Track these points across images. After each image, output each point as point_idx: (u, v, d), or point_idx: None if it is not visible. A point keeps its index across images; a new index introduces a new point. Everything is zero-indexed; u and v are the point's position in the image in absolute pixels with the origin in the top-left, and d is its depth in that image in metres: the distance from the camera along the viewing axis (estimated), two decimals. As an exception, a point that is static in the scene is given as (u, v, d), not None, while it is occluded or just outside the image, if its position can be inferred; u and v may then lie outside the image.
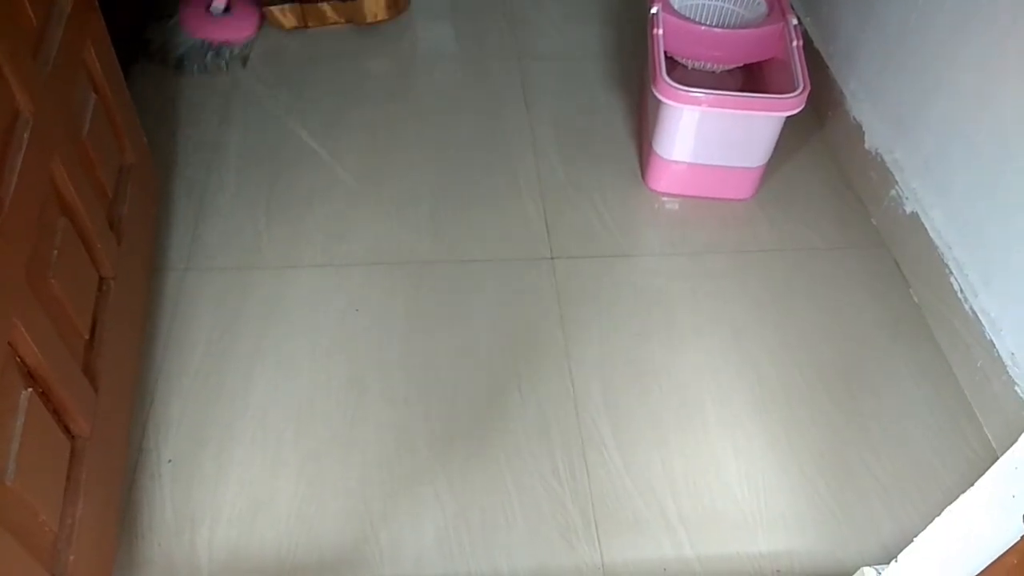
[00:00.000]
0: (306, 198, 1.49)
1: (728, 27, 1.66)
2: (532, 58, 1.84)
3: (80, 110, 1.04)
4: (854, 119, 1.56)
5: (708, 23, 1.67)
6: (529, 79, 1.77)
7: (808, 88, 1.37)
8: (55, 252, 0.90)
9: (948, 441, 1.20)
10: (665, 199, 1.54)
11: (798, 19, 1.53)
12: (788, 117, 1.40)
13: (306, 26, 1.86)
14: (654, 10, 1.51)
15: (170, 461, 1.13)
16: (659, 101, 1.40)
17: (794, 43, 1.45)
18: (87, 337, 0.98)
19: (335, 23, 1.87)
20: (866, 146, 1.52)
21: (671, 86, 1.37)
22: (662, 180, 1.53)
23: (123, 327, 1.09)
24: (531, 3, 1.99)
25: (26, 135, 0.86)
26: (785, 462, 1.17)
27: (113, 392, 1.02)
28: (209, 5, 1.76)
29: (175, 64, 1.71)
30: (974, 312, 1.24)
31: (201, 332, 1.28)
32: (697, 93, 1.36)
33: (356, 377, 1.24)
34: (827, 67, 1.66)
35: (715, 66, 1.66)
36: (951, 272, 1.30)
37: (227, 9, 1.78)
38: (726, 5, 1.65)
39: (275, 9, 1.85)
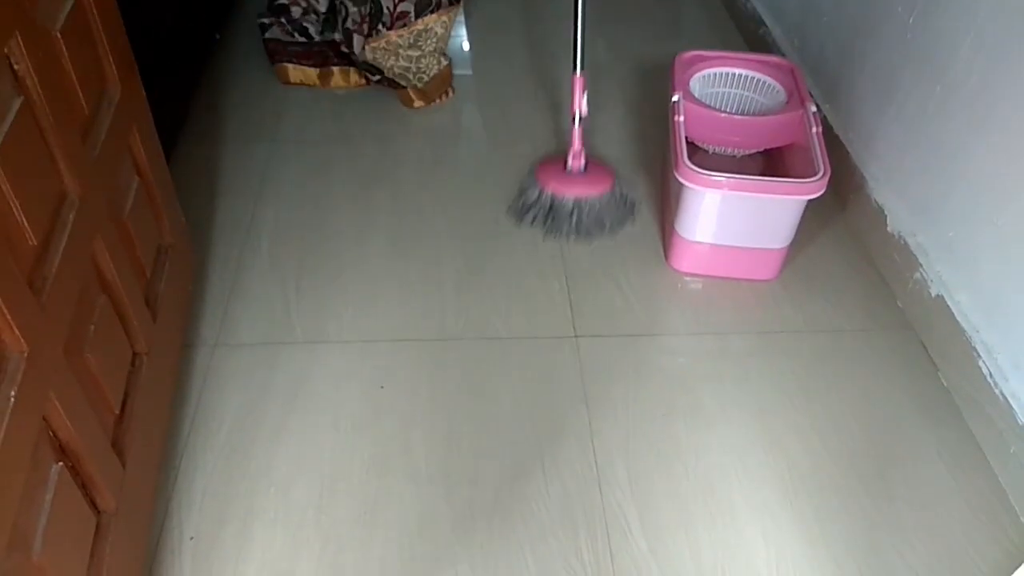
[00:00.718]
0: (335, 274, 1.52)
1: (748, 114, 1.71)
2: (554, 141, 1.89)
3: (123, 192, 1.08)
4: (876, 203, 1.58)
5: (728, 110, 1.72)
6: (554, 162, 1.82)
7: (828, 173, 1.40)
8: (92, 328, 0.93)
9: (983, 530, 1.17)
10: (688, 279, 1.56)
11: (817, 106, 1.56)
12: (809, 200, 1.42)
13: (328, 86, 1.97)
14: (675, 98, 1.56)
15: (192, 538, 1.13)
16: (681, 184, 1.43)
17: (813, 129, 1.49)
18: (117, 412, 1.00)
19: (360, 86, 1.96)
20: (889, 229, 1.54)
21: (692, 170, 1.40)
22: (685, 260, 1.55)
23: (153, 403, 1.11)
24: (555, 89, 2.05)
25: (72, 216, 0.89)
26: (816, 550, 1.14)
27: (139, 467, 1.03)
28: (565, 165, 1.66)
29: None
30: (1004, 397, 1.23)
31: (228, 408, 1.29)
32: (718, 177, 1.39)
33: (379, 455, 1.23)
34: (847, 152, 1.69)
35: (736, 151, 1.69)
36: (979, 356, 1.28)
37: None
38: (746, 93, 1.70)
39: (290, 67, 1.97)
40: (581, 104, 1.59)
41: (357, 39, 1.87)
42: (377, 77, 1.92)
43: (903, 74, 1.51)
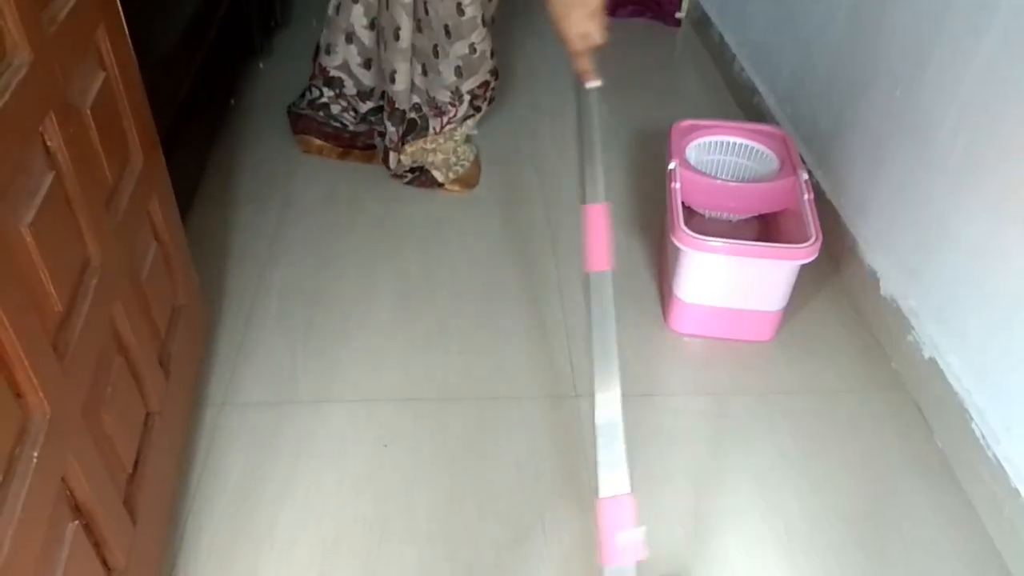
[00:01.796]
0: (341, 335, 1.56)
1: (742, 181, 1.77)
2: (557, 204, 1.94)
3: (142, 257, 1.13)
4: (868, 266, 1.62)
5: (723, 177, 1.78)
6: (555, 225, 1.87)
7: (820, 239, 1.44)
8: (109, 390, 0.96)
9: (981, 593, 1.18)
10: (686, 340, 1.59)
11: (809, 172, 1.62)
12: (803, 264, 1.46)
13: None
14: (672, 166, 1.62)
15: (197, 597, 1.14)
16: (678, 248, 1.47)
17: (805, 196, 1.54)
18: (130, 471, 1.02)
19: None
20: (882, 292, 1.58)
21: (689, 235, 1.44)
22: (683, 322, 1.59)
23: (163, 461, 1.13)
24: (556, 155, 2.12)
25: (94, 282, 0.94)
26: (813, 612, 1.15)
27: (149, 525, 1.05)
28: None
29: None
30: (997, 459, 1.25)
31: (234, 468, 1.32)
32: (714, 242, 1.44)
33: (381, 515, 1.25)
34: (839, 216, 1.74)
35: (732, 216, 1.74)
36: (972, 418, 1.31)
37: None
38: (740, 160, 1.76)
39: (313, 139, 2.01)
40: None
41: (392, 155, 1.93)
42: (410, 177, 1.96)
43: (891, 143, 1.57)
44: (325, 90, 2.00)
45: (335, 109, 2.03)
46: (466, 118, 1.93)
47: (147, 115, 1.18)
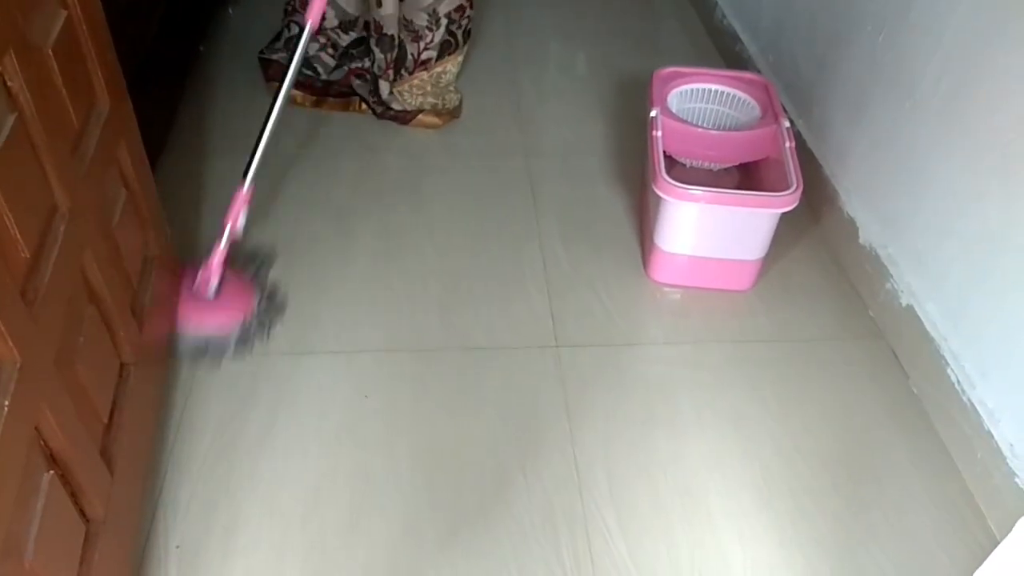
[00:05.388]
0: (320, 286, 1.54)
1: (723, 129, 1.75)
2: (538, 155, 1.92)
3: (111, 205, 1.10)
4: (848, 215, 1.62)
5: (705, 125, 1.76)
6: (535, 175, 1.85)
7: (800, 187, 1.44)
8: (81, 339, 0.94)
9: (952, 533, 1.21)
10: (667, 289, 1.59)
11: (791, 121, 1.61)
12: (783, 213, 1.46)
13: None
14: (653, 113, 1.60)
15: (178, 547, 1.14)
16: (659, 197, 1.46)
17: (787, 144, 1.53)
18: (106, 422, 1.01)
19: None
20: (860, 241, 1.58)
21: (670, 184, 1.43)
22: (663, 272, 1.58)
23: (140, 412, 1.12)
24: (537, 103, 2.09)
25: (62, 229, 0.91)
26: (790, 553, 1.17)
27: (127, 476, 1.04)
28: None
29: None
30: (972, 404, 1.27)
31: (212, 418, 1.31)
32: (695, 191, 1.43)
33: (362, 464, 1.25)
34: (820, 165, 1.74)
35: (713, 165, 1.73)
36: (948, 364, 1.33)
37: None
38: (721, 108, 1.74)
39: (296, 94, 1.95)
40: (237, 221, 1.41)
41: (383, 84, 1.92)
42: (392, 112, 1.96)
43: (873, 90, 1.56)
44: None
45: (312, 48, 1.96)
46: (442, 47, 1.90)
47: (112, 58, 1.13)
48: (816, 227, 1.73)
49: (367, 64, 1.97)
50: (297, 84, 1.99)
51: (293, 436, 1.29)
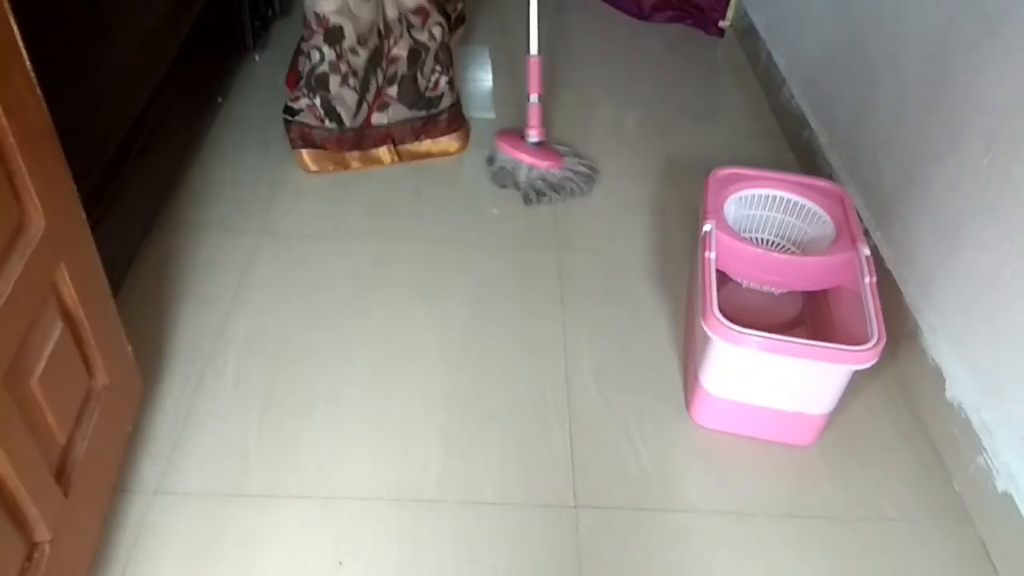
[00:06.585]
0: (305, 408, 1.33)
1: (790, 240, 1.51)
2: (571, 248, 1.70)
3: (35, 349, 0.90)
4: (932, 361, 1.37)
5: (768, 237, 1.52)
6: (566, 275, 1.63)
7: (883, 340, 1.19)
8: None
9: None
10: (711, 435, 1.35)
11: (869, 238, 1.36)
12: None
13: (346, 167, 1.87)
14: (707, 227, 1.37)
15: None
16: (708, 335, 1.23)
17: (866, 279, 1.28)
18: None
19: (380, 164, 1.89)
20: (947, 396, 1.32)
21: (722, 323, 1.20)
22: (709, 416, 1.35)
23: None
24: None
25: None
26: None
27: None
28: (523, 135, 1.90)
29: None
30: (1093, 649, 1.00)
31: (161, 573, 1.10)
32: (751, 336, 1.19)
33: (329, 658, 1.04)
34: (900, 292, 1.48)
35: (774, 288, 1.49)
36: (1059, 584, 1.07)
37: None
38: (787, 218, 1.50)
39: (306, 153, 1.82)
40: (538, 83, 1.83)
41: (420, 79, 1.89)
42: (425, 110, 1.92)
43: (973, 218, 1.30)
44: (326, 49, 1.76)
45: (334, 85, 1.79)
46: (437, 25, 1.86)
47: (55, 161, 0.94)
48: (893, 365, 1.47)
49: (381, 80, 1.85)
50: (313, 143, 1.82)
51: (250, 610, 1.08)
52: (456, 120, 1.96)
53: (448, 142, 1.94)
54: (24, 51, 0.87)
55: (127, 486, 1.20)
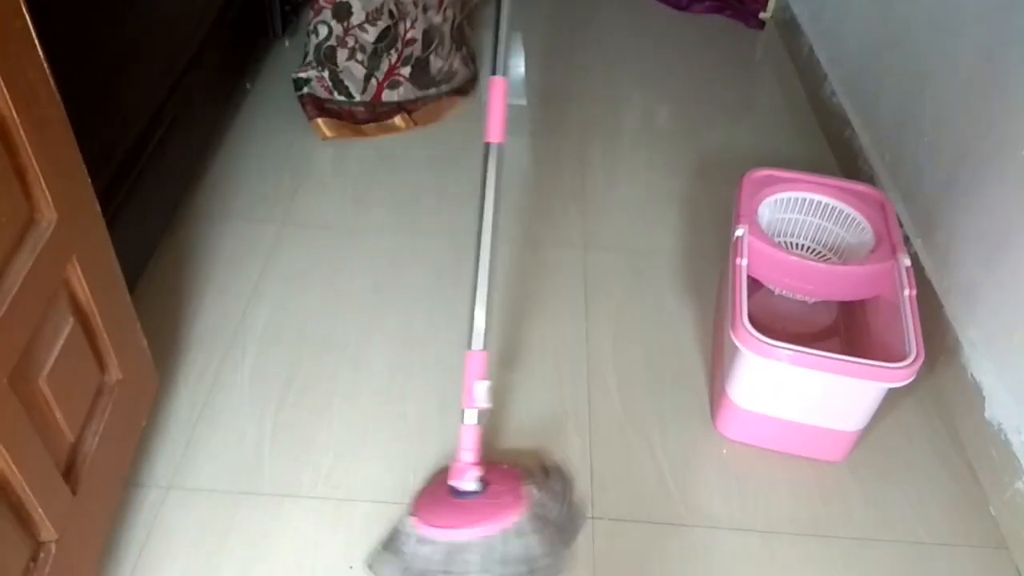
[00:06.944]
0: (323, 403, 1.31)
1: (826, 247, 1.45)
2: (598, 247, 1.66)
3: (45, 344, 0.89)
4: (972, 378, 1.31)
5: (804, 242, 1.47)
6: (592, 275, 1.59)
7: (922, 357, 1.13)
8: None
9: None
10: (737, 448, 1.31)
11: (909, 246, 1.30)
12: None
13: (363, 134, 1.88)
14: (739, 232, 1.31)
15: None
16: (736, 346, 1.18)
17: (906, 292, 1.22)
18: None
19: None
20: (987, 416, 1.26)
21: (751, 335, 1.15)
22: (735, 428, 1.30)
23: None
24: (604, 186, 1.82)
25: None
26: None
27: None
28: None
29: None
30: None
31: (172, 571, 1.09)
32: (782, 349, 1.14)
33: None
34: (941, 304, 1.42)
35: (807, 297, 1.43)
36: (1102, 623, 1.01)
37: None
38: (824, 223, 1.45)
39: (321, 121, 1.84)
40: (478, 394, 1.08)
41: (434, 59, 1.92)
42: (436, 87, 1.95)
43: (1022, 230, 1.24)
44: (333, 24, 1.79)
45: (341, 58, 1.81)
46: (452, 6, 1.89)
47: (69, 153, 0.92)
48: (930, 380, 1.41)
49: (394, 59, 1.86)
50: (328, 113, 1.86)
51: (258, 612, 1.06)
52: (469, 84, 2.03)
53: (462, 101, 1.99)
54: (37, 39, 0.84)
55: (140, 480, 1.19)
